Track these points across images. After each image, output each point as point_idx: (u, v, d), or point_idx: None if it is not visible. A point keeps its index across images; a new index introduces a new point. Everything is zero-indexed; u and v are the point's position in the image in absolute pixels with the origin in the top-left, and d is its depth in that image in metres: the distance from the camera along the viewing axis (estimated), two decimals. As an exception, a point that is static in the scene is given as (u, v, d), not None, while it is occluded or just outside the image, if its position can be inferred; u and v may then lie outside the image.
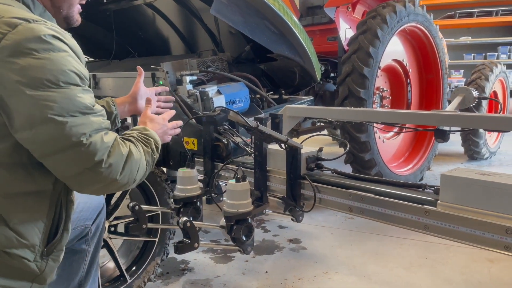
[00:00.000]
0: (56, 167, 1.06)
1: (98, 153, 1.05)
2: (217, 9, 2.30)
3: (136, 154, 1.17)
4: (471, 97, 2.15)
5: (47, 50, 1.00)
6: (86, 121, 1.04)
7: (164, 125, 1.51)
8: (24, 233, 1.08)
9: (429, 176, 4.34)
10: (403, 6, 3.45)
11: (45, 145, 1.01)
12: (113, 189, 1.15)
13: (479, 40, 8.74)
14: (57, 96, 1.00)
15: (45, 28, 1.02)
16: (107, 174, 1.07)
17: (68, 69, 1.03)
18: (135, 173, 1.17)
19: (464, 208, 1.17)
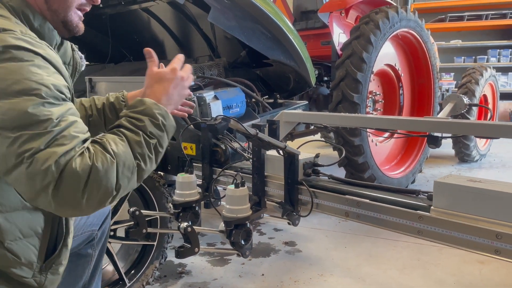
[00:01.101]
0: (17, 188, 0.98)
1: (42, 175, 0.90)
2: (214, 16, 2.34)
3: (104, 163, 0.96)
4: (462, 104, 2.21)
5: (5, 60, 0.93)
6: (37, 137, 0.91)
7: (175, 78, 1.23)
8: (19, 252, 1.07)
9: (421, 179, 4.41)
10: (396, 12, 3.51)
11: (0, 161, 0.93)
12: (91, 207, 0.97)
13: (469, 44, 8.87)
14: (4, 108, 0.90)
15: (10, 38, 0.96)
16: (63, 196, 0.92)
17: (25, 78, 0.92)
18: (112, 182, 0.97)
19: (457, 213, 1.22)
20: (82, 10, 1.19)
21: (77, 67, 1.33)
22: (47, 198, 0.92)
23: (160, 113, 1.11)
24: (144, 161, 1.04)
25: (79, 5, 1.17)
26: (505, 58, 8.59)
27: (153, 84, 1.20)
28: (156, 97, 1.17)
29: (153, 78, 1.22)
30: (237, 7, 2.53)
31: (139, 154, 1.03)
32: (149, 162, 1.06)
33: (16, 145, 0.90)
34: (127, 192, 1.04)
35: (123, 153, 1.00)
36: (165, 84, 1.20)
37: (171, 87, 1.21)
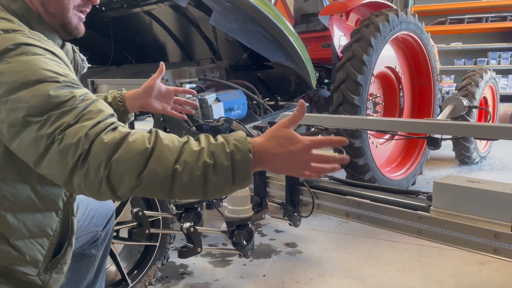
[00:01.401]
0: (50, 175, 0.95)
1: (74, 148, 0.89)
2: (216, 19, 2.37)
3: (137, 144, 0.90)
4: (462, 106, 2.23)
5: (18, 54, 0.95)
6: (62, 116, 0.91)
7: (296, 152, 0.96)
8: (24, 250, 1.07)
9: (421, 181, 4.43)
10: (396, 15, 3.54)
11: (30, 150, 0.93)
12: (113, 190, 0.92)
13: (470, 46, 8.90)
14: (27, 96, 0.92)
15: (21, 36, 0.99)
16: (89, 170, 0.89)
17: (40, 67, 0.95)
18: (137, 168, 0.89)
19: (456, 214, 1.24)
20: (82, 11, 1.19)
21: (79, 68, 1.34)
22: (79, 175, 0.90)
23: (237, 145, 0.94)
24: (185, 172, 0.90)
25: (77, 6, 1.16)
26: (505, 60, 8.61)
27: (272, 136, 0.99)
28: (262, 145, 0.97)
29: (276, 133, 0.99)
30: (238, 10, 2.56)
31: (184, 161, 0.91)
32: (191, 178, 0.91)
33: (46, 126, 0.91)
34: (155, 194, 0.94)
35: (167, 148, 0.91)
36: (280, 148, 0.97)
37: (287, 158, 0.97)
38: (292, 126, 1.00)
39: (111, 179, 0.90)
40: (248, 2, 2.54)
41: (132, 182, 0.90)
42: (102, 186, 0.91)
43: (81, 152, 0.89)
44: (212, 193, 0.95)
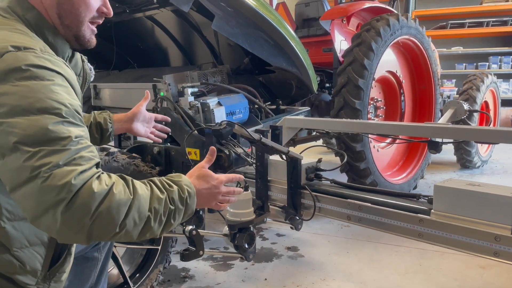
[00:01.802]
0: (22, 204, 0.93)
1: (58, 189, 0.89)
2: (218, 24, 2.39)
3: (120, 195, 0.95)
4: (462, 110, 2.25)
5: (27, 78, 0.94)
6: (55, 153, 0.91)
7: (215, 187, 1.21)
8: (25, 260, 1.09)
9: (423, 185, 4.43)
10: (396, 20, 3.56)
11: (11, 176, 0.92)
12: (91, 237, 0.94)
13: (471, 50, 8.91)
14: (25, 124, 0.91)
15: (32, 57, 0.98)
16: (71, 216, 0.90)
17: (46, 96, 0.94)
18: (120, 216, 0.95)
19: (456, 217, 1.25)
20: (94, 23, 1.21)
21: (87, 77, 1.37)
22: (54, 216, 0.90)
23: (189, 191, 1.11)
24: (155, 219, 1.02)
25: (91, 18, 1.19)
26: (506, 65, 8.62)
27: (198, 176, 1.21)
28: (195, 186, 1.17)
29: (198, 171, 1.22)
30: (240, 15, 2.58)
31: (154, 208, 1.02)
32: (158, 223, 1.03)
33: (34, 159, 0.90)
34: (125, 239, 1.00)
35: (142, 197, 1.00)
36: (202, 183, 1.19)
37: (204, 188, 1.20)
38: (208, 165, 1.26)
39: (93, 227, 0.92)
40: (249, 7, 2.56)
41: (114, 231, 0.95)
42: (80, 232, 0.92)
43: (65, 196, 0.89)
44: (167, 231, 1.08)
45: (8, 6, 1.11)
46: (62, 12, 1.13)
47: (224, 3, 2.46)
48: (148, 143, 2.45)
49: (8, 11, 1.10)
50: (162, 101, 2.50)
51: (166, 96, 2.51)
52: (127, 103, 3.18)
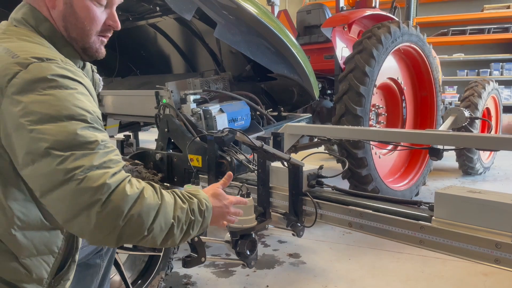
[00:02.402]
0: (54, 208, 0.97)
1: (93, 190, 0.92)
2: (220, 32, 2.40)
3: (150, 200, 1.00)
4: (463, 117, 2.25)
5: (53, 87, 0.98)
6: (86, 156, 0.95)
7: (226, 206, 1.30)
8: (32, 268, 1.10)
9: (425, 191, 4.42)
10: (397, 27, 3.58)
11: (43, 181, 0.95)
12: (121, 239, 0.97)
13: (472, 57, 8.93)
14: (55, 130, 0.95)
15: (55, 67, 1.01)
16: (105, 217, 0.93)
17: (72, 104, 0.99)
18: (148, 220, 0.99)
19: (457, 224, 1.25)
20: (104, 36, 1.22)
21: (96, 87, 1.40)
22: (88, 218, 0.93)
23: (207, 205, 1.18)
24: (178, 226, 1.07)
25: (99, 32, 1.19)
26: (508, 71, 8.63)
27: (213, 194, 1.28)
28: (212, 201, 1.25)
29: (213, 190, 1.30)
30: (242, 22, 2.60)
31: (178, 217, 1.06)
32: (179, 231, 1.08)
33: (67, 163, 0.93)
34: (149, 244, 1.04)
35: (168, 204, 1.05)
36: (216, 201, 1.26)
37: (216, 205, 1.27)
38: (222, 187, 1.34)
39: (125, 229, 0.96)
40: (251, 15, 2.58)
41: (143, 234, 0.99)
42: (112, 234, 0.96)
43: (99, 198, 0.93)
44: (184, 241, 1.13)
45: (22, 17, 1.14)
46: (68, 25, 1.16)
47: (226, 11, 2.48)
48: (151, 150, 2.47)
49: (22, 22, 1.14)
50: (164, 108, 2.51)
51: (169, 103, 2.53)
52: (129, 110, 3.20)
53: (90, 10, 1.15)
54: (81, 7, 1.14)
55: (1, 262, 1.08)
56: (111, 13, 1.20)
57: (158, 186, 1.07)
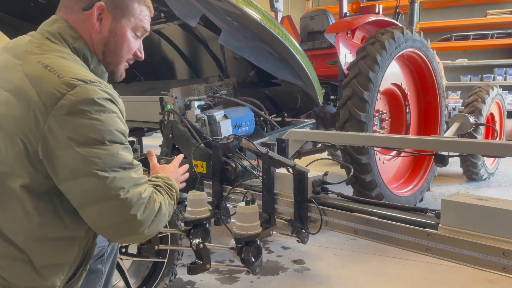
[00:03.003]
0: (91, 217, 1.11)
1: (134, 208, 1.11)
2: (225, 39, 2.41)
3: (164, 209, 1.23)
4: (468, 123, 2.24)
5: (99, 111, 1.08)
6: (126, 176, 1.11)
7: (175, 172, 1.53)
8: (48, 276, 1.14)
9: (429, 197, 4.41)
10: (401, 33, 3.58)
11: (84, 195, 1.08)
12: (139, 239, 1.21)
13: (476, 62, 8.92)
14: (101, 153, 1.07)
15: (99, 90, 1.10)
16: (138, 227, 1.13)
17: (114, 129, 1.11)
18: (160, 225, 1.22)
19: (464, 231, 1.24)
20: (128, 62, 1.37)
21: None
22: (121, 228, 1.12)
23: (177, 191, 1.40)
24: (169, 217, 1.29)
25: (127, 60, 1.34)
26: (511, 76, 8.62)
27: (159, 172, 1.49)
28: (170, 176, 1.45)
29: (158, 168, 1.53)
30: (246, 29, 2.61)
31: (169, 213, 1.28)
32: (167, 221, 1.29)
33: (111, 182, 1.08)
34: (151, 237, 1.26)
35: (168, 207, 1.28)
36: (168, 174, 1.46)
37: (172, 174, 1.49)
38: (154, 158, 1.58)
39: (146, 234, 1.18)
40: (255, 21, 2.59)
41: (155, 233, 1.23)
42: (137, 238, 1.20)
43: (135, 213, 1.12)
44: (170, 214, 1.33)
45: (58, 32, 1.21)
46: (107, 51, 1.27)
47: (230, 17, 2.49)
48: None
49: (57, 37, 1.20)
50: (169, 114, 2.52)
51: (173, 109, 2.53)
52: (133, 116, 3.21)
53: (129, 41, 1.30)
54: (123, 37, 1.28)
55: (17, 269, 1.11)
56: (140, 45, 1.36)
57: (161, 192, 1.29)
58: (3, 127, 1.08)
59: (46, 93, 1.05)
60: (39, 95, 1.05)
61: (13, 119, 1.07)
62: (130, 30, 1.28)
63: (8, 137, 1.08)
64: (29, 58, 1.12)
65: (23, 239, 1.11)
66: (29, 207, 1.10)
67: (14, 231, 1.11)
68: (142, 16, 1.31)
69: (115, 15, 1.25)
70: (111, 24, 1.25)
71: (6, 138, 1.08)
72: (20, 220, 1.10)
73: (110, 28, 1.25)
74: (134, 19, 1.28)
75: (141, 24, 1.31)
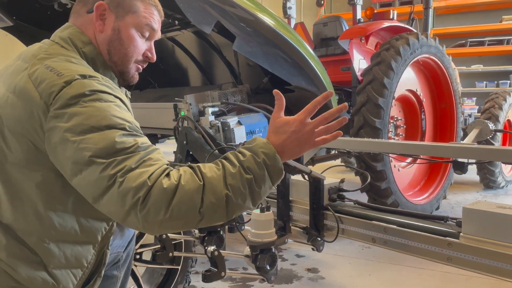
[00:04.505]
0: (107, 211, 1.02)
1: (133, 191, 0.96)
2: (239, 45, 2.41)
3: (190, 185, 0.98)
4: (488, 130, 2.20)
5: (94, 100, 1.04)
6: (126, 160, 0.99)
7: (296, 132, 1.10)
8: (59, 279, 1.13)
9: (446, 205, 4.33)
10: (416, 39, 3.54)
11: (92, 188, 1.00)
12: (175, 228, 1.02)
13: (491, 68, 8.80)
14: (96, 139, 1.00)
15: (96, 83, 1.08)
16: (147, 214, 0.96)
17: (112, 114, 1.04)
18: (196, 205, 0.98)
19: (487, 240, 1.21)
20: (139, 65, 1.32)
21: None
22: (136, 216, 0.97)
23: (265, 152, 1.06)
24: (235, 194, 1.01)
25: (137, 61, 1.30)
26: (528, 82, 8.47)
27: (274, 131, 1.12)
28: (273, 143, 1.10)
29: (276, 125, 1.13)
30: (259, 35, 2.60)
31: (230, 185, 1.01)
32: (241, 197, 1.02)
33: (109, 169, 0.98)
34: (214, 222, 1.03)
35: (213, 179, 1.01)
36: (285, 135, 1.10)
37: (291, 139, 1.10)
38: (281, 112, 1.15)
39: (172, 221, 0.98)
40: (268, 27, 2.58)
41: (196, 218, 1.00)
42: (161, 228, 1.00)
43: (140, 195, 0.96)
44: (259, 199, 1.07)
45: (69, 37, 1.22)
46: (112, 49, 1.25)
47: (244, 23, 2.49)
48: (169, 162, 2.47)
49: (67, 42, 1.21)
50: (183, 120, 2.52)
51: (187, 115, 2.53)
52: (148, 123, 3.22)
53: (134, 39, 1.26)
54: (127, 35, 1.25)
55: (30, 271, 1.11)
56: (150, 46, 1.31)
57: (198, 165, 1.04)
58: (11, 129, 1.09)
59: (46, 93, 1.04)
60: (40, 95, 1.05)
61: (18, 120, 1.07)
62: (134, 28, 1.26)
63: (16, 139, 1.08)
64: (35, 61, 1.13)
65: (35, 241, 1.11)
66: (41, 209, 1.10)
67: (27, 233, 1.11)
68: (148, 14, 1.28)
69: (118, 13, 1.24)
70: (114, 22, 1.24)
71: (15, 140, 1.08)
72: (33, 222, 1.10)
73: (113, 26, 1.24)
74: (137, 16, 1.26)
75: (146, 21, 1.27)
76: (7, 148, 1.10)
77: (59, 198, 1.11)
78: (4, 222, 1.12)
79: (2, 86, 1.17)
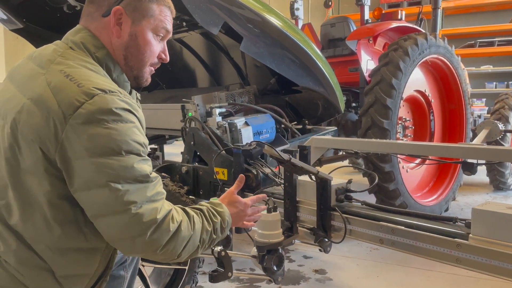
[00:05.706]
0: (104, 229, 1.08)
1: (144, 225, 1.05)
2: (246, 46, 2.42)
3: (185, 232, 1.14)
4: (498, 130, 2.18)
5: (116, 121, 1.06)
6: (141, 190, 1.06)
7: (242, 211, 1.40)
8: (68, 286, 1.14)
9: (455, 207, 4.29)
10: (425, 39, 3.52)
11: (97, 207, 1.05)
12: (158, 258, 1.14)
13: (501, 69, 8.72)
14: (116, 164, 1.04)
15: (118, 100, 1.08)
16: (148, 246, 1.07)
17: (131, 139, 1.07)
18: (180, 249, 1.14)
19: (496, 241, 1.19)
20: (154, 66, 1.32)
21: None
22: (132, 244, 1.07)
23: (228, 221, 1.30)
24: (202, 247, 1.22)
25: (152, 63, 1.30)
26: (539, 83, 8.38)
27: (229, 202, 1.38)
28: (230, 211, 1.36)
29: (229, 198, 1.40)
30: (266, 36, 2.60)
31: (203, 239, 1.20)
32: (202, 249, 1.23)
33: (124, 196, 1.04)
34: (176, 261, 1.19)
35: (197, 231, 1.19)
36: (232, 208, 1.36)
37: (234, 212, 1.37)
38: (237, 191, 1.44)
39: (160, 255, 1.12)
40: (276, 27, 2.58)
41: (174, 258, 1.16)
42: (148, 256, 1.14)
43: (146, 232, 1.06)
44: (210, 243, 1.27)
45: (81, 42, 1.20)
46: (129, 55, 1.25)
47: (252, 24, 2.49)
48: (177, 163, 2.48)
49: (80, 47, 1.20)
50: (190, 121, 2.53)
51: (195, 116, 2.54)
52: (155, 124, 3.23)
53: (151, 43, 1.26)
54: (144, 40, 1.25)
55: (38, 277, 1.12)
56: (164, 47, 1.32)
57: (192, 215, 1.20)
58: (25, 135, 1.08)
59: (65, 102, 1.04)
60: (59, 104, 1.04)
61: (33, 127, 1.06)
62: (150, 31, 1.25)
63: (28, 146, 1.08)
64: (52, 67, 1.12)
65: (43, 248, 1.11)
66: (50, 218, 1.10)
67: (35, 240, 1.12)
68: (163, 16, 1.27)
69: (134, 18, 1.23)
70: (131, 27, 1.22)
71: (26, 146, 1.08)
72: (41, 230, 1.11)
73: (130, 32, 1.22)
74: (154, 20, 1.25)
75: (162, 25, 1.26)
76: (20, 154, 1.10)
77: (66, 208, 1.11)
78: (14, 228, 1.12)
79: (16, 91, 1.15)
